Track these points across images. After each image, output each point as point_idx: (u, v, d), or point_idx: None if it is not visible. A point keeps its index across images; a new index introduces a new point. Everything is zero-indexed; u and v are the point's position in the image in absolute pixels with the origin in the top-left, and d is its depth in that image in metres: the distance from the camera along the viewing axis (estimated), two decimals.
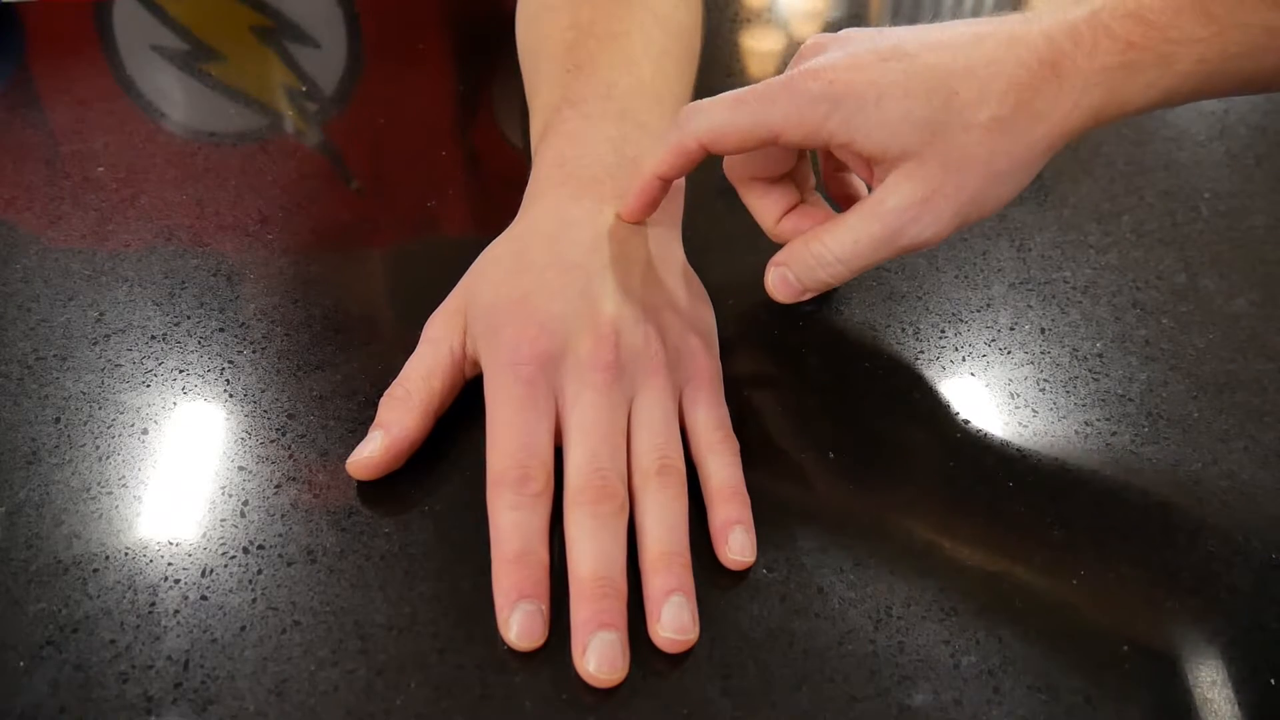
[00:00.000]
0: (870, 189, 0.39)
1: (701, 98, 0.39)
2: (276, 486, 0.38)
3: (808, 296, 0.41)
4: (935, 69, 0.36)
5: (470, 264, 0.42)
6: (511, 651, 0.33)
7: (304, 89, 0.61)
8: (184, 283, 0.47)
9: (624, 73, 0.47)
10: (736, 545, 0.36)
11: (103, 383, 0.42)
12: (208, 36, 0.66)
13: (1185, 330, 0.46)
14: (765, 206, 0.42)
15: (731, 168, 0.42)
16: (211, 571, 0.35)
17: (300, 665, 0.33)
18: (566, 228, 0.41)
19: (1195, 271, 0.49)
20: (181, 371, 0.43)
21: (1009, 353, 0.45)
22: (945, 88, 0.35)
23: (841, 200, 0.44)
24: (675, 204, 0.45)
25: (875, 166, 0.38)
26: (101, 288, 0.46)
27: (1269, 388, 0.43)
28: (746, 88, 0.38)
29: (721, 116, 0.38)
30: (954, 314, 0.46)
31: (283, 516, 0.37)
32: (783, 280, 0.40)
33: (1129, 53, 0.34)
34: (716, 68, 0.64)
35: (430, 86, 0.63)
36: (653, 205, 0.41)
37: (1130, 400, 0.43)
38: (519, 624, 0.33)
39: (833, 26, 0.68)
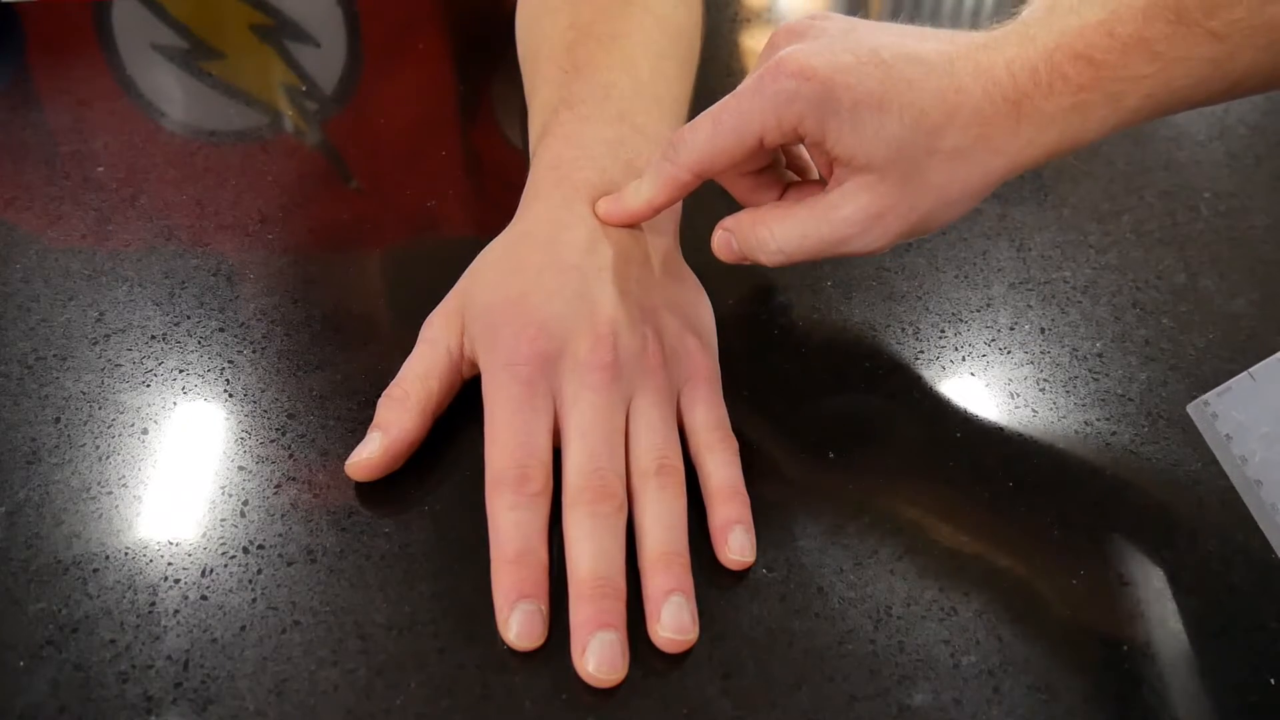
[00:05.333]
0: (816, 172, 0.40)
1: (701, 98, 0.39)
2: (276, 486, 0.38)
3: (746, 263, 0.42)
4: (910, 85, 0.36)
5: (469, 264, 0.42)
6: (511, 651, 0.33)
7: (304, 88, 0.61)
8: (184, 283, 0.47)
9: (622, 74, 0.47)
10: (736, 545, 0.36)
11: (103, 383, 0.42)
12: (207, 35, 0.66)
13: (1185, 330, 0.46)
14: (759, 199, 0.42)
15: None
16: (211, 571, 0.35)
17: (300, 665, 0.33)
18: (563, 229, 0.41)
19: (1195, 271, 0.49)
20: (181, 371, 0.43)
21: (1009, 353, 0.45)
22: (916, 107, 0.36)
23: (794, 170, 0.44)
24: (673, 206, 0.45)
25: (836, 167, 0.38)
26: (101, 288, 0.46)
27: None
28: (720, 102, 0.38)
29: (704, 143, 0.38)
30: (954, 314, 0.46)
31: (283, 516, 0.37)
32: (726, 244, 0.42)
33: (1081, 94, 0.35)
34: (716, 68, 0.64)
35: (430, 86, 0.63)
36: (636, 224, 0.42)
37: (1130, 400, 0.43)
38: (519, 624, 0.33)
39: None
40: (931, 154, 0.36)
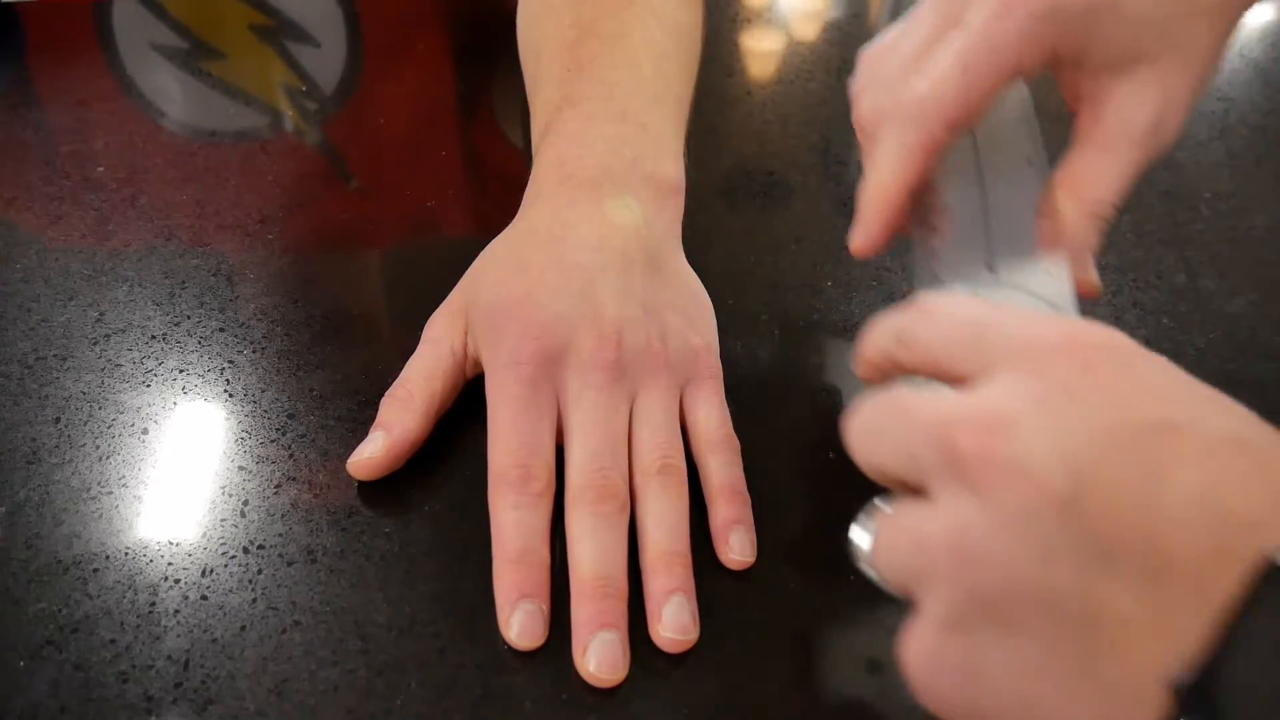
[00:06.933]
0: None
1: (702, 98, 0.39)
2: (276, 486, 0.38)
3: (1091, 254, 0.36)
4: None
5: (470, 264, 0.42)
6: (511, 651, 0.33)
7: (304, 88, 0.61)
8: (184, 283, 0.47)
9: (626, 73, 0.47)
10: (737, 545, 0.36)
11: (103, 383, 0.42)
12: (207, 35, 0.65)
13: (1185, 330, 0.46)
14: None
15: None
16: (211, 571, 0.35)
17: (300, 665, 0.33)
18: (566, 228, 0.41)
19: (1195, 271, 0.49)
20: (181, 371, 0.43)
21: None
22: None
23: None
24: (675, 203, 0.45)
25: (1103, 78, 0.34)
26: (101, 288, 0.46)
27: (1269, 388, 0.43)
28: (950, 45, 0.33)
29: (958, 92, 0.33)
30: None
31: (283, 516, 0.37)
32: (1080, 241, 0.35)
33: None
34: (716, 68, 0.64)
35: (430, 86, 0.63)
36: (895, 223, 0.36)
37: None
38: (519, 623, 0.33)
39: (833, 26, 0.68)
40: (1193, 16, 0.32)
